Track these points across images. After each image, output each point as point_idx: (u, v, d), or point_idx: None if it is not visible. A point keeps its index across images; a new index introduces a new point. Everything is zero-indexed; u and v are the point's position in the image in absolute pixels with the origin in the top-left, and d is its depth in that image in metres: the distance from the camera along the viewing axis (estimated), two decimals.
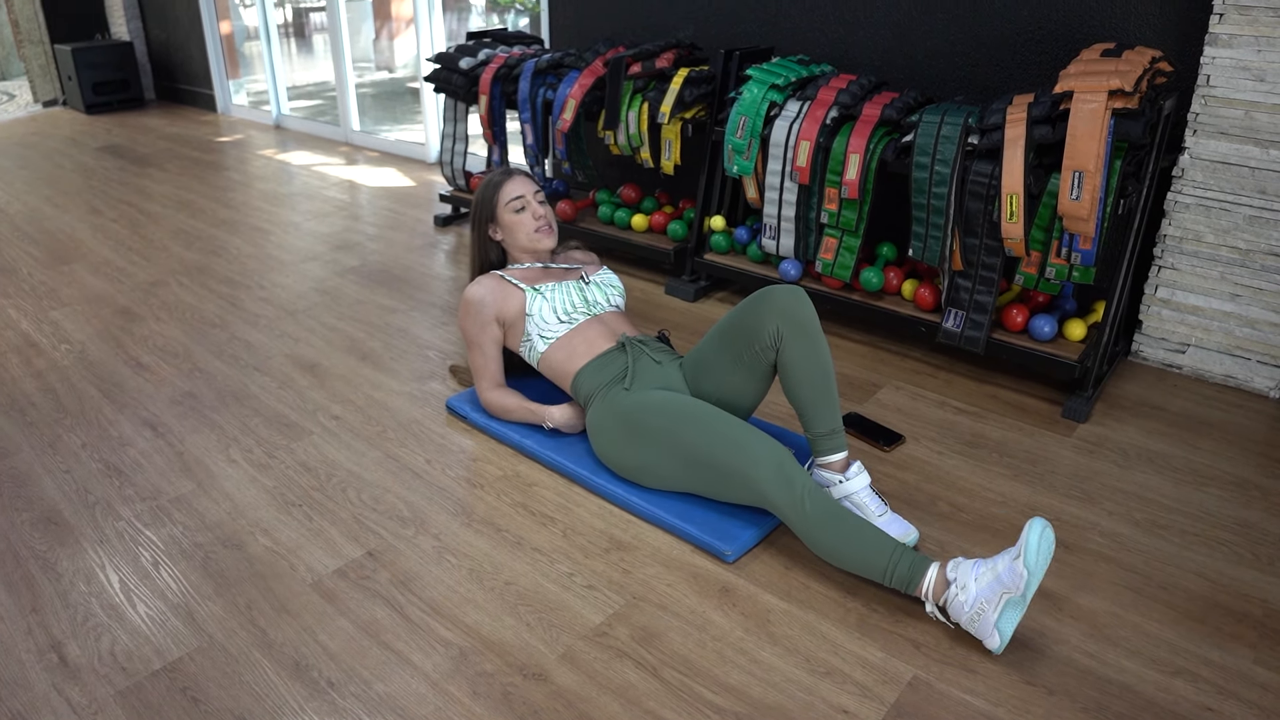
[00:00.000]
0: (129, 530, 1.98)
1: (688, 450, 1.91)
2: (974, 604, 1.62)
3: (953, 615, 1.65)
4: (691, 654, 1.63)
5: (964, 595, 1.63)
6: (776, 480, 1.78)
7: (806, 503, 1.76)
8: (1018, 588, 1.59)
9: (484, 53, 3.74)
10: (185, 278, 3.47)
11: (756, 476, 1.80)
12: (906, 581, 1.69)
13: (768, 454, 1.81)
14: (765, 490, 1.79)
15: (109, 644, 1.66)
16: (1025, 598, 1.59)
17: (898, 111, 2.62)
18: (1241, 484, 2.16)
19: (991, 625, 1.60)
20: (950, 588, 1.65)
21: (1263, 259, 2.46)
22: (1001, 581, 1.60)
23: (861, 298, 2.82)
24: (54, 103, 7.31)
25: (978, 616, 1.61)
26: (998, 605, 1.60)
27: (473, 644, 1.66)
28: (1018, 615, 1.60)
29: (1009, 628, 1.60)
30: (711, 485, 1.90)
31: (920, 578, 1.68)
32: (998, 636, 1.60)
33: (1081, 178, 2.18)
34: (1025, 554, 1.59)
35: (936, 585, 1.67)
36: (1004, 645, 1.61)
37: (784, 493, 1.77)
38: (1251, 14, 2.31)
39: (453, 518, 2.01)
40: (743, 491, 1.84)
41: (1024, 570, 1.58)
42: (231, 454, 2.27)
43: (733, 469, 1.83)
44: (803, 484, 1.77)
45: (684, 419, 1.94)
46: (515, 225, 2.35)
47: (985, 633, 1.61)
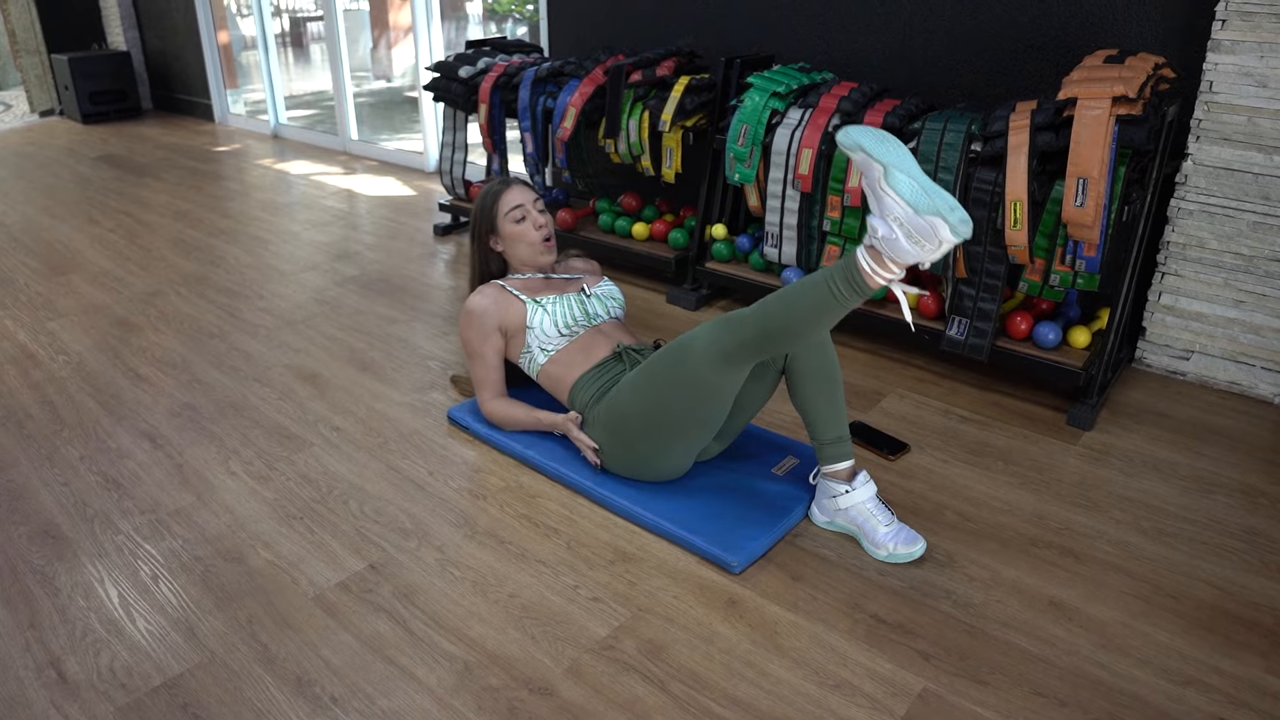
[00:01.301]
0: (128, 544, 1.96)
1: (656, 390, 1.92)
2: (888, 223, 1.58)
3: (899, 255, 1.59)
4: (699, 667, 1.62)
5: (879, 230, 1.59)
6: (713, 326, 1.82)
7: (742, 311, 1.78)
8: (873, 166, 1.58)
9: (483, 61, 3.73)
10: (183, 288, 3.45)
11: (697, 341, 1.83)
12: (851, 279, 1.64)
13: (698, 326, 1.86)
14: (709, 339, 1.81)
15: (108, 660, 1.64)
16: (885, 163, 1.56)
17: (900, 119, 2.62)
18: (1248, 491, 2.14)
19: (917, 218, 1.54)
20: (875, 244, 1.61)
21: (1266, 265, 2.45)
22: (868, 182, 1.60)
23: (864, 306, 2.81)
24: (51, 113, 7.29)
25: (906, 227, 1.56)
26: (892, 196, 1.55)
27: (477, 658, 1.64)
28: (908, 180, 1.54)
29: (919, 197, 1.54)
30: (696, 397, 1.88)
31: (856, 262, 1.63)
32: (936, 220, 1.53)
33: (1086, 184, 2.17)
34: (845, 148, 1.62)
35: (872, 258, 1.62)
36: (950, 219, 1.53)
37: (721, 325, 1.80)
38: (1254, 19, 2.31)
39: (455, 530, 2.00)
40: (706, 365, 1.83)
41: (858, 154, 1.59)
42: (231, 466, 2.25)
43: (687, 353, 1.85)
44: (739, 310, 1.80)
45: (635, 375, 1.98)
46: (516, 235, 2.33)
47: (929, 230, 1.54)
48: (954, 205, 1.54)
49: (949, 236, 1.54)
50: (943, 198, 1.54)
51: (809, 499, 2.04)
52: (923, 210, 1.54)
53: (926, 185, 1.55)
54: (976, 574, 1.85)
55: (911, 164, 1.57)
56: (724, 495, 2.05)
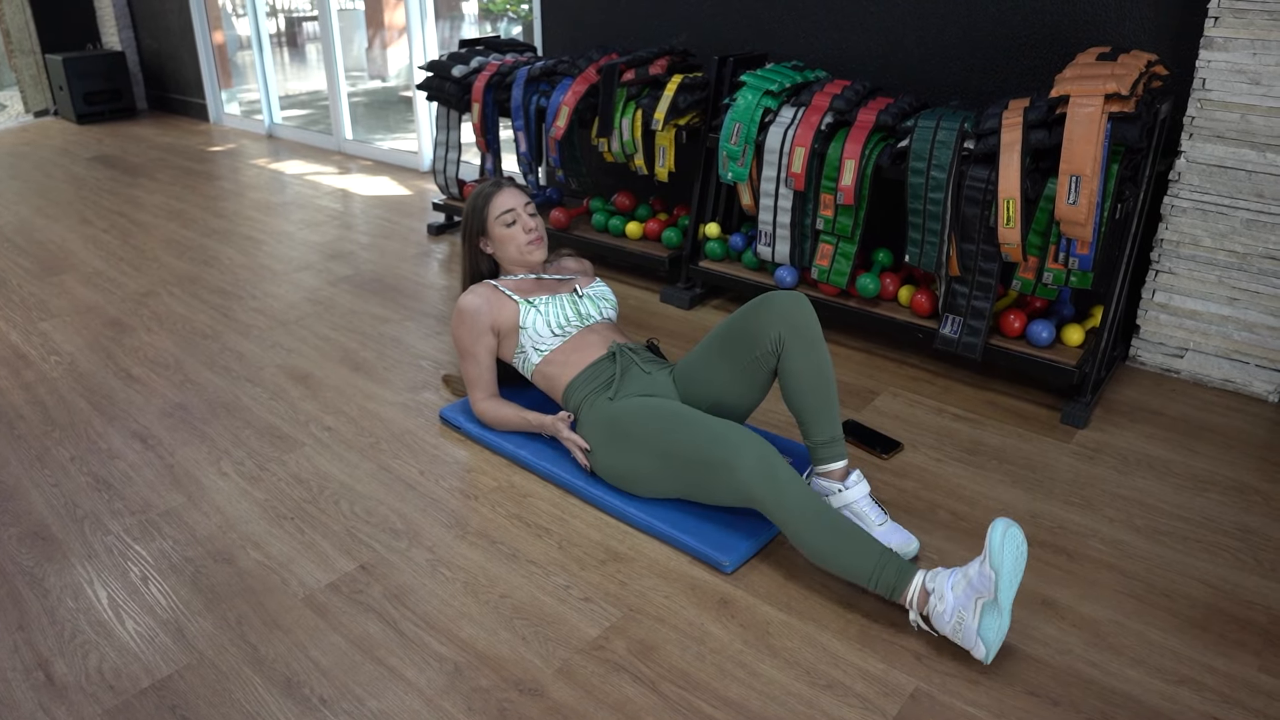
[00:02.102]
0: (118, 545, 1.95)
1: (671, 450, 1.89)
2: (953, 613, 1.60)
3: (936, 626, 1.63)
4: (690, 667, 1.61)
5: (942, 605, 1.61)
6: (759, 471, 1.75)
7: (791, 495, 1.73)
8: (989, 591, 1.56)
9: (477, 60, 3.73)
10: (176, 288, 3.44)
11: (738, 467, 1.77)
12: (891, 588, 1.67)
13: (750, 446, 1.79)
14: (748, 482, 1.76)
15: (97, 661, 1.63)
16: (999, 601, 1.56)
17: (893, 117, 2.61)
18: (1242, 489, 2.14)
19: (974, 634, 1.58)
20: (930, 598, 1.64)
21: (1260, 262, 2.45)
22: (974, 587, 1.58)
23: (858, 304, 2.81)
24: (45, 113, 7.28)
25: (959, 626, 1.59)
26: (975, 612, 1.58)
27: (468, 659, 1.63)
28: (997, 621, 1.56)
29: (991, 635, 1.56)
30: (698, 485, 1.87)
31: (905, 586, 1.66)
32: (982, 646, 1.57)
33: (1079, 182, 2.16)
34: (990, 555, 1.57)
35: (920, 595, 1.65)
36: (991, 654, 1.57)
37: (767, 485, 1.75)
38: (1247, 17, 2.30)
39: (447, 530, 1.99)
40: (728, 488, 1.80)
41: (991, 572, 1.56)
42: (222, 466, 2.24)
43: (715, 462, 1.80)
44: (787, 477, 1.75)
45: (665, 420, 1.93)
46: (506, 239, 2.33)
47: (970, 642, 1.59)
48: (1001, 642, 1.57)
49: (977, 656, 1.59)
50: (1002, 635, 1.57)
51: None
52: (983, 638, 1.57)
53: (1004, 625, 1.57)
54: None
55: (1010, 601, 1.58)
56: None
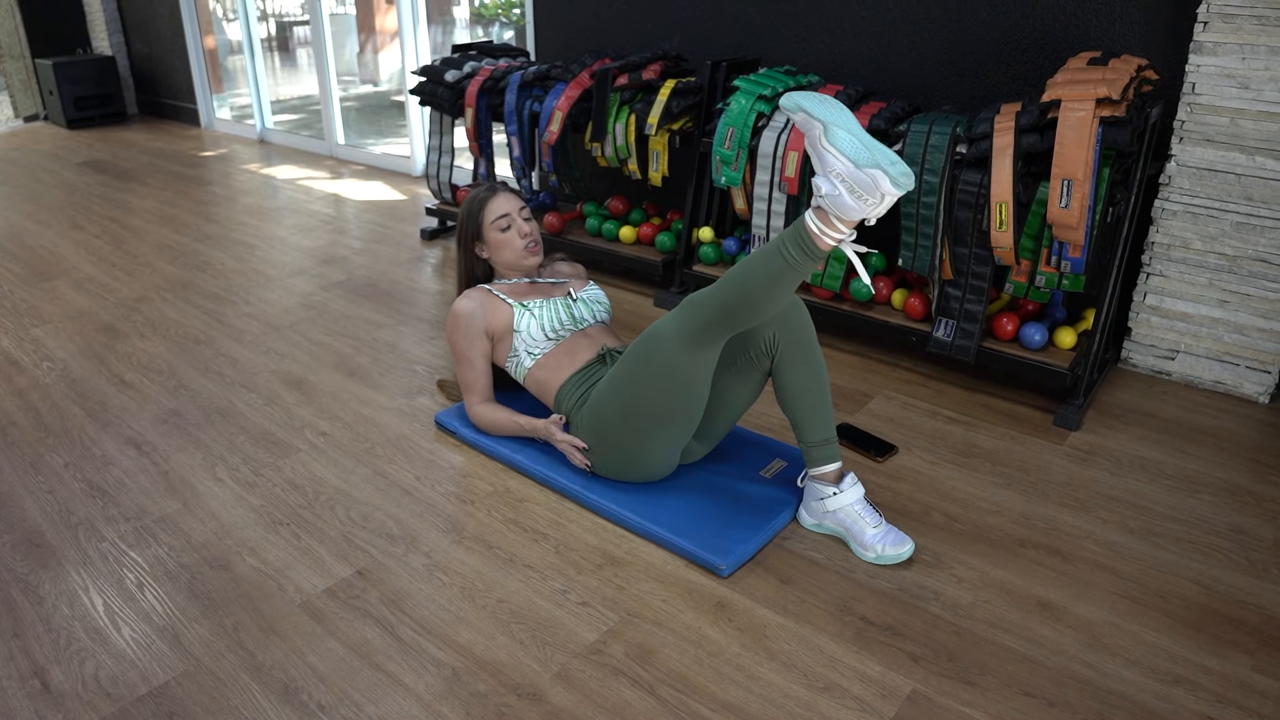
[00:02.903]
0: (113, 551, 1.95)
1: (631, 384, 1.92)
2: (830, 180, 1.60)
3: (844, 212, 1.60)
4: (688, 671, 1.61)
5: (823, 188, 1.61)
6: (675, 313, 1.84)
7: (702, 292, 1.79)
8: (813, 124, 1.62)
9: (469, 65, 3.73)
10: (169, 293, 3.43)
11: (666, 325, 1.84)
12: (801, 241, 1.66)
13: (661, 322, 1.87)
14: (675, 326, 1.83)
15: (93, 669, 1.63)
16: (824, 120, 1.59)
17: (885, 121, 2.62)
18: (1234, 490, 2.15)
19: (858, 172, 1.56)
20: (821, 204, 1.63)
21: (1250, 265, 2.47)
22: (809, 141, 1.63)
23: (851, 308, 2.82)
24: (35, 118, 7.25)
25: (848, 182, 1.58)
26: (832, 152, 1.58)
27: (466, 664, 1.63)
28: (847, 136, 1.57)
29: (859, 152, 1.55)
30: (673, 387, 1.89)
31: (804, 225, 1.65)
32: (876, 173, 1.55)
33: (1070, 186, 2.18)
34: (786, 110, 1.65)
35: (819, 219, 1.64)
36: (890, 171, 1.55)
37: (683, 310, 1.82)
38: (1235, 21, 2.32)
39: (443, 535, 1.99)
40: (677, 352, 1.83)
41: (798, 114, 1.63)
42: (217, 472, 2.24)
43: (654, 343, 1.86)
44: (696, 291, 1.81)
45: (612, 373, 1.99)
46: (501, 244, 2.33)
47: (870, 184, 1.56)
48: (894, 159, 1.56)
49: (890, 189, 1.56)
50: (883, 152, 1.56)
51: (797, 501, 2.04)
52: (863, 164, 1.56)
53: (866, 140, 1.57)
54: (965, 575, 1.85)
55: (851, 121, 1.59)
56: (712, 498, 2.05)
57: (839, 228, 1.64)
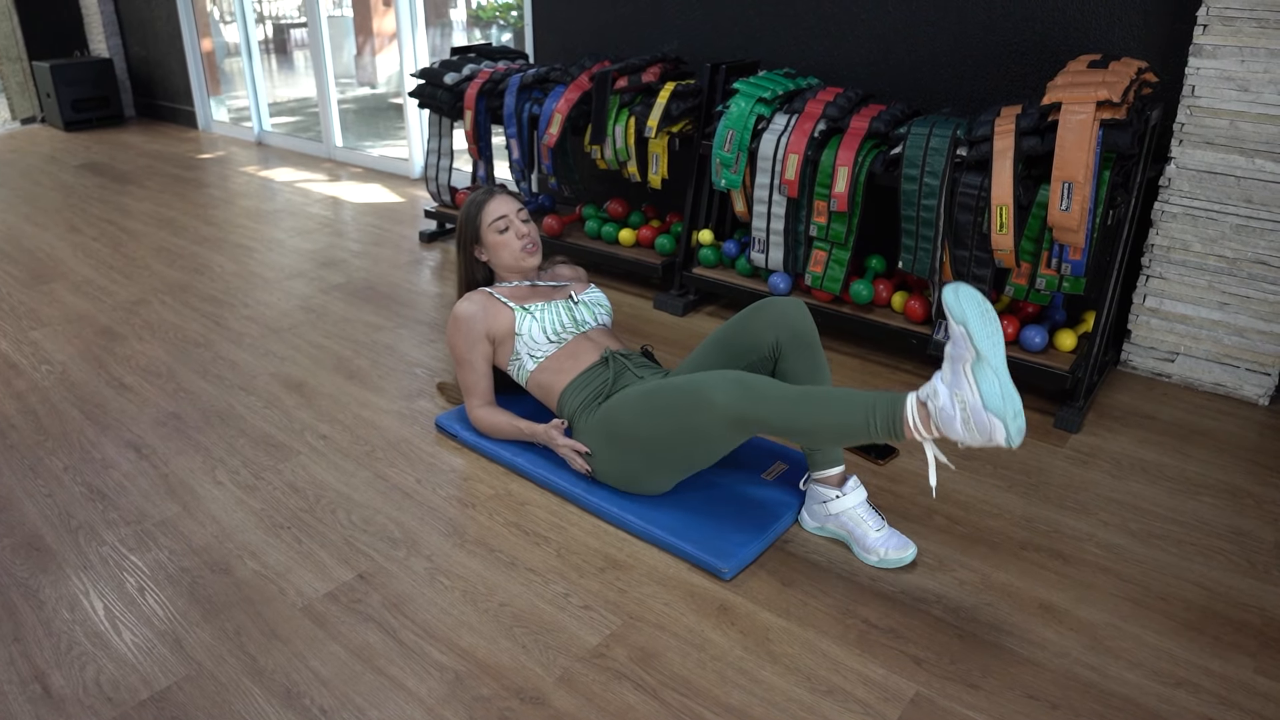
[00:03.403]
0: (113, 555, 1.94)
1: (654, 418, 1.90)
2: (953, 402, 1.55)
3: (947, 431, 1.57)
4: (691, 674, 1.61)
5: (940, 400, 1.57)
6: (733, 390, 1.76)
7: (769, 392, 1.74)
8: (968, 347, 1.54)
9: (469, 68, 3.73)
10: (168, 296, 3.43)
11: (713, 394, 1.78)
12: (891, 422, 1.63)
13: (718, 374, 1.80)
14: (726, 403, 1.76)
15: (94, 673, 1.62)
16: (983, 353, 1.52)
17: (885, 124, 2.62)
18: (1234, 492, 2.16)
19: (983, 411, 1.52)
20: (929, 406, 1.60)
21: (1250, 267, 2.47)
22: (955, 356, 1.56)
23: (851, 310, 2.82)
24: (32, 120, 7.24)
25: (967, 412, 1.54)
26: (971, 384, 1.53)
27: (468, 668, 1.63)
28: (995, 383, 1.52)
29: (996, 399, 1.51)
30: (691, 439, 1.87)
31: (902, 411, 1.63)
32: (997, 421, 1.52)
33: (1071, 188, 2.18)
34: (950, 315, 1.56)
35: (920, 415, 1.61)
36: (1013, 430, 1.52)
37: (745, 395, 1.75)
38: (1235, 24, 2.33)
39: (445, 538, 1.99)
40: (715, 421, 1.79)
41: (959, 326, 1.55)
42: (218, 475, 2.24)
43: (694, 404, 1.81)
44: (759, 382, 1.76)
45: (640, 396, 1.95)
46: (499, 246, 2.33)
47: (986, 428, 1.53)
48: (1018, 413, 1.53)
49: (1001, 441, 1.53)
50: (1014, 403, 1.53)
51: (799, 504, 2.04)
52: (991, 409, 1.53)
53: (1006, 387, 1.53)
54: (967, 578, 1.85)
55: (1002, 358, 1.55)
56: (714, 501, 2.05)
57: (933, 432, 1.61)
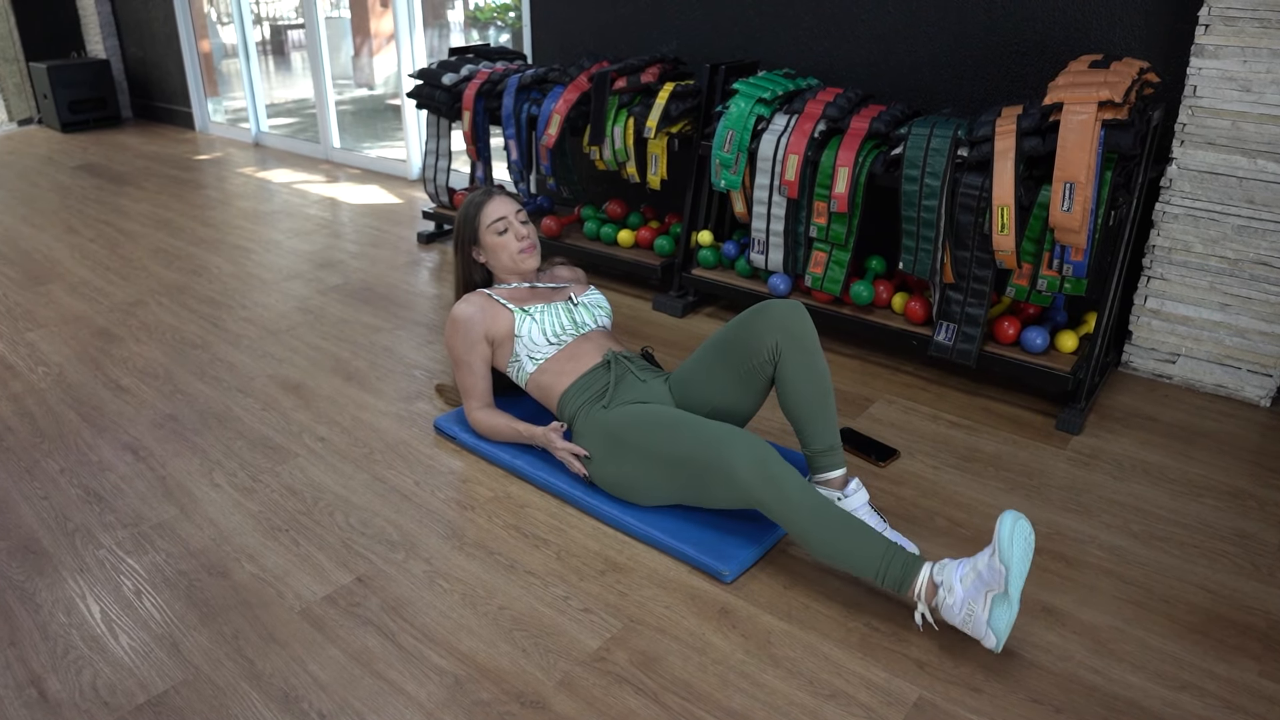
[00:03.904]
0: (110, 558, 1.93)
1: (668, 456, 1.88)
2: (963, 606, 1.60)
3: (945, 617, 1.63)
4: (692, 678, 1.60)
5: (952, 598, 1.61)
6: (757, 471, 1.75)
7: (792, 492, 1.73)
8: (999, 584, 1.57)
9: (467, 68, 3.72)
10: (165, 297, 3.41)
11: (736, 469, 1.75)
12: (899, 582, 1.67)
13: (746, 447, 1.77)
14: (747, 482, 1.75)
15: (90, 677, 1.61)
16: (1010, 594, 1.57)
17: (886, 124, 2.62)
18: (1237, 494, 2.15)
19: (985, 625, 1.58)
20: (939, 591, 1.63)
21: (1251, 268, 2.46)
22: (984, 580, 1.59)
23: (852, 311, 2.81)
24: (29, 121, 7.22)
25: (969, 618, 1.60)
26: (985, 604, 1.58)
27: (468, 672, 1.61)
28: (1008, 612, 1.57)
29: (1001, 625, 1.57)
30: (697, 489, 1.86)
31: (913, 579, 1.66)
32: (993, 636, 1.58)
33: (1073, 189, 2.17)
34: (999, 549, 1.57)
35: (928, 588, 1.65)
36: (1001, 643, 1.59)
37: (767, 484, 1.74)
38: (1237, 25, 2.32)
39: (444, 541, 1.97)
40: (727, 490, 1.79)
41: (1001, 566, 1.57)
42: (215, 478, 2.22)
43: (713, 466, 1.79)
44: (785, 474, 1.75)
45: (661, 425, 1.92)
46: (498, 247, 2.32)
47: (980, 633, 1.59)
48: (1007, 629, 1.58)
49: (987, 646, 1.61)
50: (1011, 625, 1.58)
51: None
52: (993, 628, 1.59)
53: (1013, 615, 1.58)
54: None
55: (1019, 591, 1.58)
56: None
57: (930, 606, 1.65)
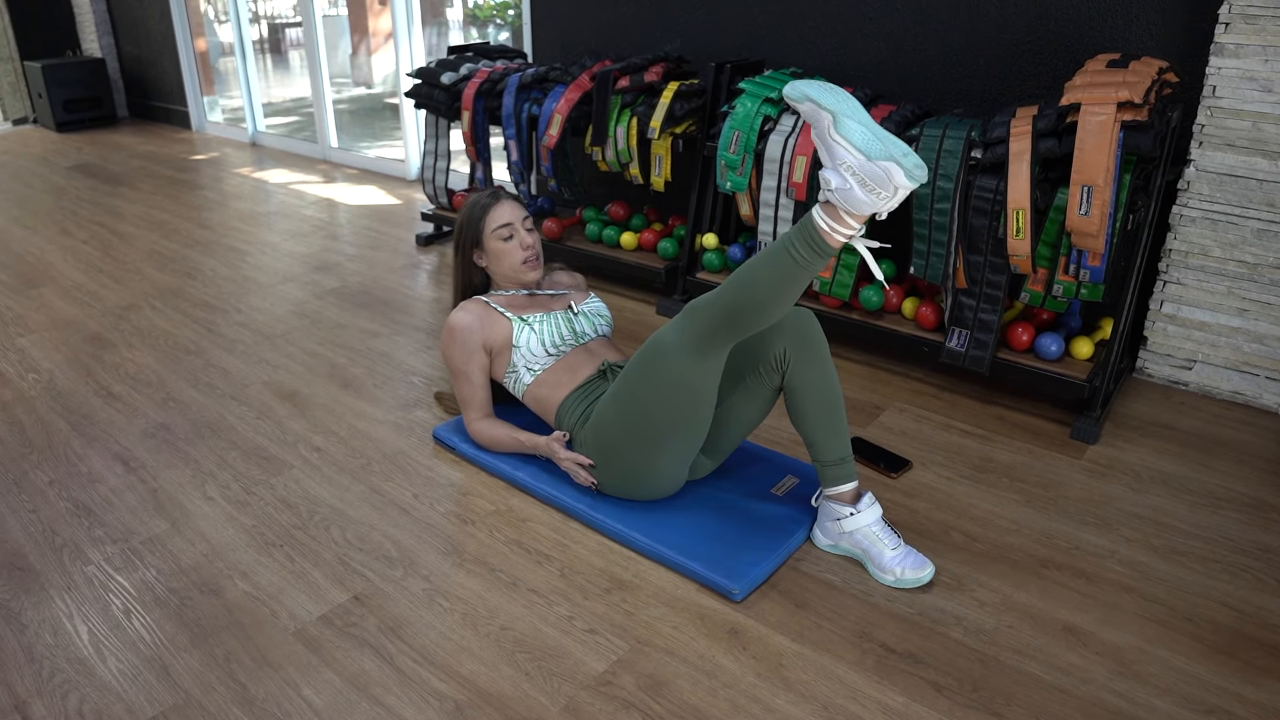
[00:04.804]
0: (99, 575, 1.87)
1: (635, 400, 1.85)
2: (840, 174, 1.51)
3: (855, 207, 1.52)
4: (702, 703, 1.54)
5: (833, 182, 1.53)
6: (677, 322, 1.76)
7: (704, 297, 1.72)
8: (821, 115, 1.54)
9: (466, 67, 3.65)
10: (159, 301, 3.35)
11: (668, 335, 1.77)
12: (810, 239, 1.58)
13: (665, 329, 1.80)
14: (682, 331, 1.75)
15: (77, 703, 1.55)
16: (833, 110, 1.51)
17: (896, 125, 2.55)
18: (1258, 505, 2.09)
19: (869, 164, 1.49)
20: (830, 198, 1.55)
21: (1271, 273, 2.40)
22: (818, 134, 1.55)
23: (861, 317, 2.75)
24: (24, 121, 7.15)
25: (858, 175, 1.50)
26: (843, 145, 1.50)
27: (469, 696, 1.55)
28: (858, 127, 1.50)
29: (871, 144, 1.48)
30: (679, 399, 1.81)
31: (812, 221, 1.57)
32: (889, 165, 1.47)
33: (1090, 192, 2.11)
34: (792, 100, 1.57)
35: (827, 213, 1.56)
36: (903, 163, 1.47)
37: (686, 316, 1.74)
38: (1259, 23, 2.26)
39: (443, 557, 1.91)
40: (684, 358, 1.75)
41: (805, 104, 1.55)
42: (208, 490, 2.16)
43: (657, 354, 1.79)
44: (695, 301, 1.74)
45: (612, 393, 1.91)
46: (501, 254, 2.25)
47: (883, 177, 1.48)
48: (907, 151, 1.49)
49: (904, 181, 1.49)
50: (895, 144, 1.49)
51: (811, 521, 1.96)
52: (875, 156, 1.49)
53: (878, 132, 1.50)
54: (987, 598, 1.78)
55: (860, 111, 1.52)
56: (722, 517, 1.97)
57: (849, 223, 1.56)
